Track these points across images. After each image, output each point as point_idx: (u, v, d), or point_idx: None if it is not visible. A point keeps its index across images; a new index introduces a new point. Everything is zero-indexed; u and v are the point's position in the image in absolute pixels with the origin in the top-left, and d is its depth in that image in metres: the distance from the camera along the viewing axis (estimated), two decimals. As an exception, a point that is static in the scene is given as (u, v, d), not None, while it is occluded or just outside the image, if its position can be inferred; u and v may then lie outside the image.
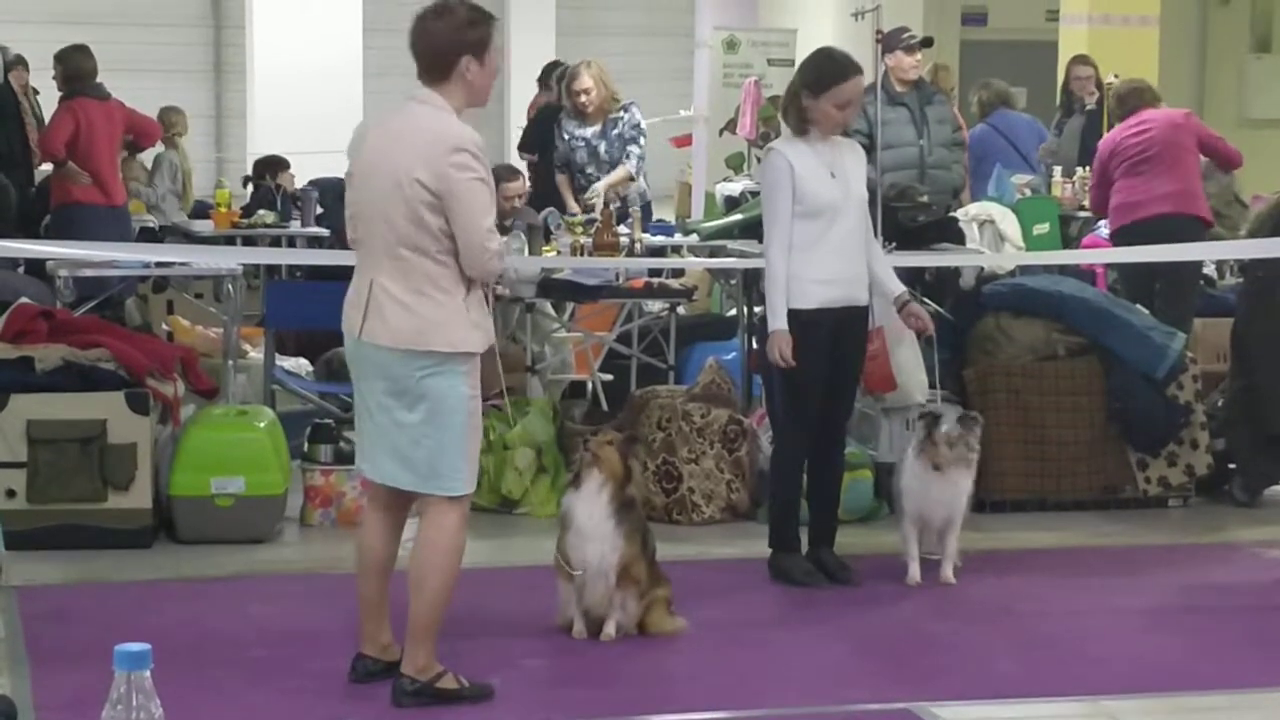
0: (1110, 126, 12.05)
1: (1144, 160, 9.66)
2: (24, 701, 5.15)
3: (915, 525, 6.84)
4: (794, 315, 6.63)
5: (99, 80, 10.96)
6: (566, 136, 10.75)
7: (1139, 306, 8.72)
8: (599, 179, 10.66)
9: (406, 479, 5.27)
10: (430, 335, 5.15)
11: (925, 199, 9.27)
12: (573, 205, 10.49)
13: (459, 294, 5.18)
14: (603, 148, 10.65)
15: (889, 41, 9.69)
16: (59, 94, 11.01)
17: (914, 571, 6.80)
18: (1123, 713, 5.35)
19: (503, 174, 10.71)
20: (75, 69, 10.92)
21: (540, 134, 12.16)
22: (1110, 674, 5.73)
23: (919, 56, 9.78)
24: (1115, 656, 5.96)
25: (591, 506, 5.89)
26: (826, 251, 6.63)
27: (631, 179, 10.67)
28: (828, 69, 6.71)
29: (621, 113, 10.68)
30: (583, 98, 10.63)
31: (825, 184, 6.63)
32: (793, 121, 6.77)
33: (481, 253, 5.14)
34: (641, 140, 10.76)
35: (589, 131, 10.70)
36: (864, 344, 6.89)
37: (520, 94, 20.75)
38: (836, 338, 6.67)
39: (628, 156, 10.69)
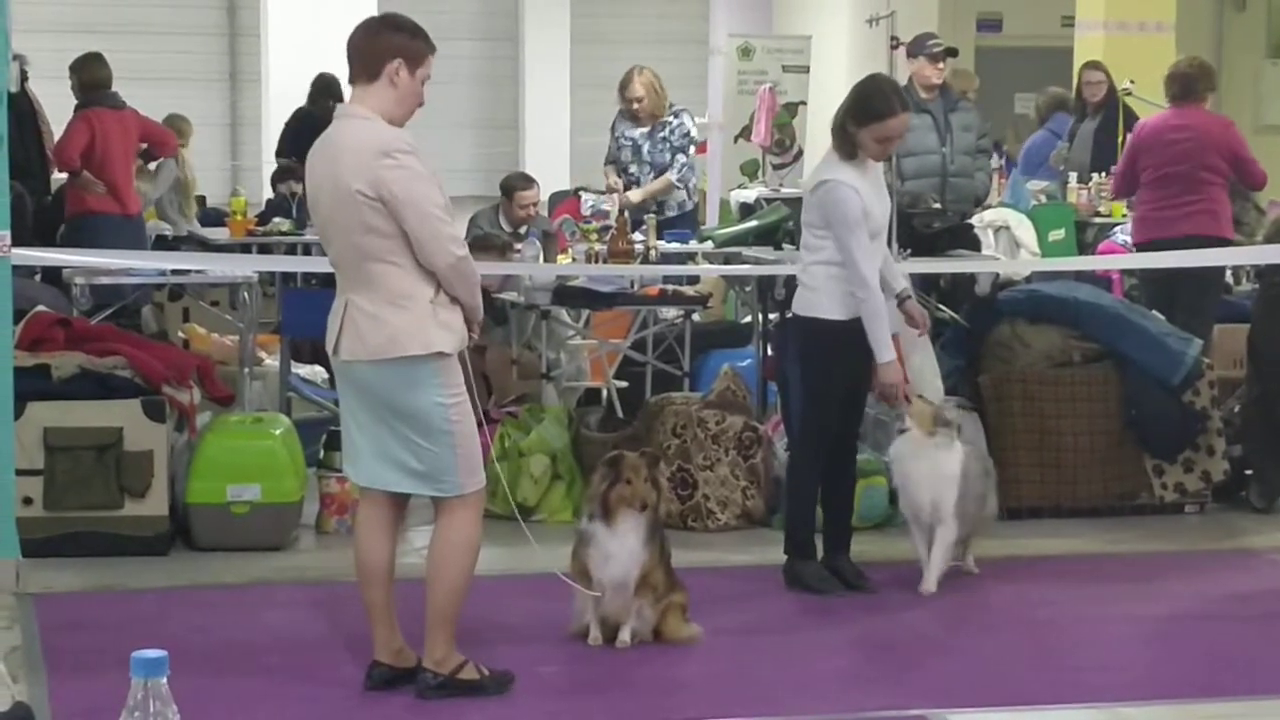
0: (1128, 127, 12.00)
1: (1169, 176, 9.38)
2: (42, 708, 5.16)
3: (914, 522, 6.82)
4: (831, 325, 6.64)
5: (114, 89, 10.98)
6: (617, 135, 11.01)
7: (1155, 312, 8.69)
8: (639, 177, 10.85)
9: (400, 482, 5.35)
10: (402, 341, 5.23)
11: (936, 205, 9.27)
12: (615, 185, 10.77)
13: (425, 297, 5.25)
14: (646, 148, 10.87)
15: (913, 48, 9.68)
16: (75, 103, 11.03)
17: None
18: (1138, 719, 5.34)
19: (517, 182, 10.77)
20: (90, 78, 10.94)
21: (296, 140, 12.58)
22: (1127, 681, 5.72)
23: (942, 65, 9.78)
24: (1131, 664, 5.96)
25: (626, 543, 5.88)
26: (871, 268, 6.66)
27: (676, 187, 10.85)
28: (873, 104, 6.65)
29: (671, 118, 10.89)
30: (635, 104, 10.88)
31: (883, 206, 6.73)
32: (841, 147, 6.70)
33: (435, 241, 5.21)
34: (691, 149, 11.03)
35: (637, 132, 10.96)
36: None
37: (534, 105, 20.74)
38: (863, 346, 6.69)
39: (674, 164, 10.83)
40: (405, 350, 5.22)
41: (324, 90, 13.38)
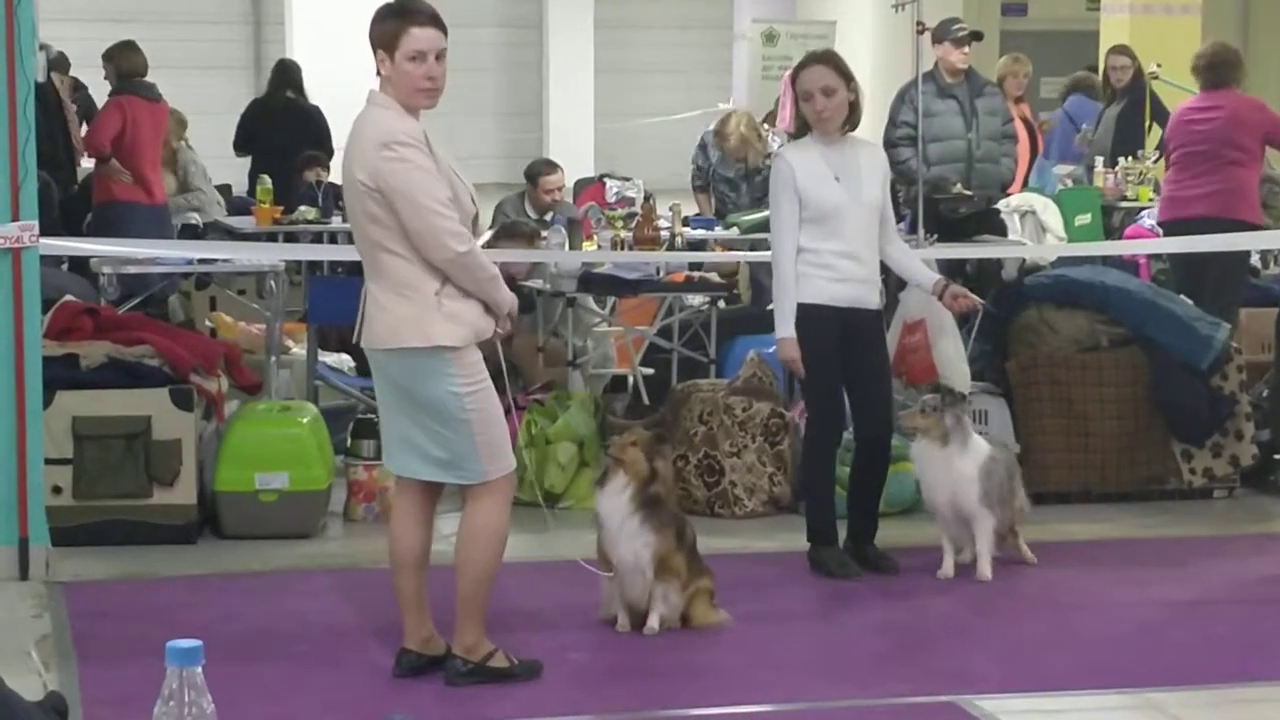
0: (1154, 112, 11.95)
1: (1191, 155, 9.36)
2: (72, 696, 5.17)
3: (938, 517, 6.82)
4: (802, 310, 6.71)
5: (152, 81, 11.02)
6: (714, 163, 11.37)
7: (1183, 296, 8.66)
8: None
9: (425, 469, 5.35)
10: (403, 332, 5.22)
11: (966, 191, 9.26)
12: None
13: (430, 289, 5.22)
14: (745, 189, 11.23)
15: (939, 33, 9.67)
16: (109, 90, 11.07)
17: (946, 565, 6.77)
18: (1168, 704, 5.33)
19: (541, 168, 10.77)
20: (126, 66, 10.98)
21: (246, 131, 12.83)
22: (1156, 665, 5.71)
23: (967, 50, 9.76)
24: (1160, 648, 5.94)
25: (616, 506, 5.91)
26: (833, 254, 6.68)
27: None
28: (797, 66, 6.90)
29: (765, 161, 10.99)
30: (724, 145, 11.24)
31: (828, 188, 6.68)
32: (796, 123, 6.96)
33: (431, 234, 5.17)
34: None
35: (731, 171, 11.33)
36: (879, 344, 6.93)
37: (561, 92, 20.75)
38: (845, 338, 6.71)
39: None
40: (405, 342, 5.22)
41: (282, 79, 13.41)
